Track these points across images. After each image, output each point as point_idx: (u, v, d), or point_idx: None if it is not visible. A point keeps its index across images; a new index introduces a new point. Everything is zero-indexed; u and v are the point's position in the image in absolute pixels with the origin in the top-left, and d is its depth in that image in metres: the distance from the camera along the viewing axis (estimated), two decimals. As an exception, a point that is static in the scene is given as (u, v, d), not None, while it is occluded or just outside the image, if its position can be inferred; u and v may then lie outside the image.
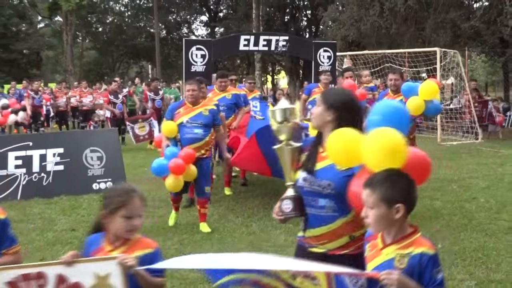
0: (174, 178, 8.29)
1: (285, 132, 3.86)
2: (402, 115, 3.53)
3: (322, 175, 3.77)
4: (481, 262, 7.01)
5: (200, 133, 8.57)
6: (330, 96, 3.98)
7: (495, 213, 9.59)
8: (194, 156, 8.39)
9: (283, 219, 3.96)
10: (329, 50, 14.08)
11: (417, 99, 8.79)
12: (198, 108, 8.69)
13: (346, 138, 3.49)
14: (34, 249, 7.85)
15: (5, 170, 11.04)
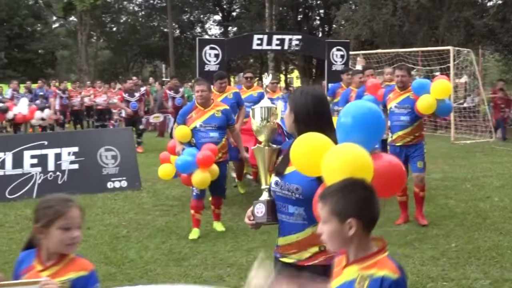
0: (202, 172, 8.04)
1: (264, 133, 3.75)
2: (376, 119, 3.20)
3: (291, 179, 3.50)
4: (495, 261, 6.97)
5: (216, 136, 8.32)
6: (292, 96, 3.81)
7: (509, 212, 9.54)
8: (216, 150, 8.18)
9: (254, 224, 3.73)
10: (342, 49, 14.04)
11: (429, 98, 8.32)
12: (210, 110, 8.41)
13: (309, 145, 3.23)
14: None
15: (20, 169, 11.10)
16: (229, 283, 6.45)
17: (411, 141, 8.67)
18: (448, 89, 8.73)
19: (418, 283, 6.27)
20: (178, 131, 8.51)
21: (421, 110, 8.38)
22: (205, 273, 6.80)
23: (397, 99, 8.76)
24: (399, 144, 8.70)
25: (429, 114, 9.08)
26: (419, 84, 8.66)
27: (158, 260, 7.31)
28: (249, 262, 7.12)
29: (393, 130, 8.80)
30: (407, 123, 8.61)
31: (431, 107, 8.38)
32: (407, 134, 8.63)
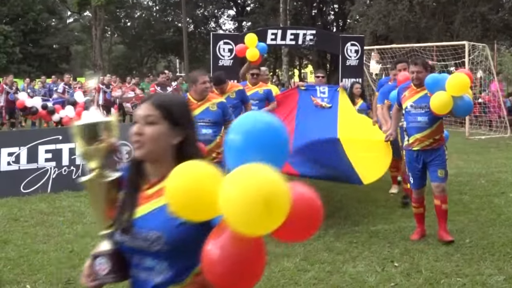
0: None
1: (95, 158, 2.71)
2: (274, 137, 2.21)
3: (147, 224, 2.51)
4: (510, 257, 6.95)
5: (209, 134, 7.36)
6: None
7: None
8: (206, 151, 6.97)
9: (96, 285, 2.65)
10: (357, 44, 14.02)
11: (443, 95, 7.18)
12: (205, 103, 7.48)
13: (198, 178, 2.18)
14: (64, 241, 7.92)
15: (35, 163, 11.15)
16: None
17: (430, 145, 7.57)
18: (466, 84, 7.30)
19: (432, 278, 6.25)
20: None
21: (435, 109, 7.28)
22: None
23: (413, 97, 7.65)
24: (416, 148, 7.62)
25: (446, 114, 7.73)
26: (433, 79, 7.38)
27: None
28: (263, 257, 7.13)
29: (409, 132, 7.76)
30: (425, 124, 7.54)
31: (446, 105, 7.25)
32: (425, 137, 7.54)
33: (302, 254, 7.22)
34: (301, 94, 10.79)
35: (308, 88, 11.12)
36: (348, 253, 7.26)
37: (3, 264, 7.01)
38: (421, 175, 7.70)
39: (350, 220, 8.88)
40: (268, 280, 6.37)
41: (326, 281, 6.29)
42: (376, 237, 7.97)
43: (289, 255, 7.21)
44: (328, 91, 10.81)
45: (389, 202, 9.99)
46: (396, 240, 7.75)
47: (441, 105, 7.27)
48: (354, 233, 8.16)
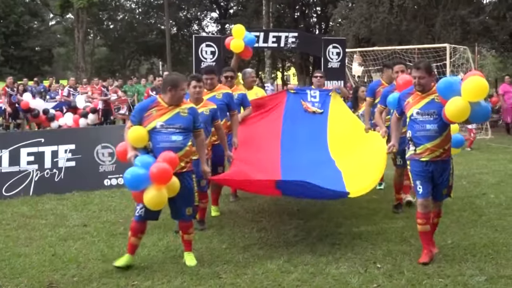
0: (157, 190, 6.30)
1: None
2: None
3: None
4: (491, 258, 6.99)
5: (179, 141, 6.65)
6: None
7: (504, 209, 9.56)
8: (177, 160, 6.49)
9: None
10: (338, 47, 14.03)
11: (460, 101, 6.38)
12: (175, 108, 6.79)
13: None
14: (46, 245, 7.88)
15: (17, 166, 11.09)
16: (226, 280, 6.46)
17: (440, 156, 6.86)
18: (485, 88, 6.45)
19: (414, 279, 6.27)
20: (131, 133, 6.72)
21: (451, 117, 6.50)
22: (201, 270, 6.79)
23: (418, 103, 6.87)
24: (425, 159, 6.82)
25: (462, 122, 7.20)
26: (446, 84, 6.61)
27: (154, 257, 7.31)
28: (246, 259, 7.15)
29: (417, 142, 6.87)
30: (435, 132, 6.78)
31: (463, 112, 6.44)
32: (436, 146, 6.80)
33: (286, 256, 7.22)
34: (290, 97, 10.26)
35: (298, 91, 10.55)
36: (331, 254, 7.27)
37: (-15, 268, 6.96)
38: (430, 182, 6.93)
39: (333, 222, 8.90)
40: (251, 282, 6.37)
41: (309, 283, 6.29)
42: (359, 238, 7.99)
43: (272, 257, 7.21)
44: (319, 95, 10.25)
45: (371, 203, 10.01)
46: (379, 242, 7.76)
47: (458, 112, 6.45)
48: (337, 235, 8.18)
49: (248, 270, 6.76)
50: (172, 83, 6.72)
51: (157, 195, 6.31)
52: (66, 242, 7.96)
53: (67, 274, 6.67)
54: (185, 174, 6.77)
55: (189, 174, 6.87)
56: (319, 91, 10.33)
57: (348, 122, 10.10)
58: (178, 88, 6.74)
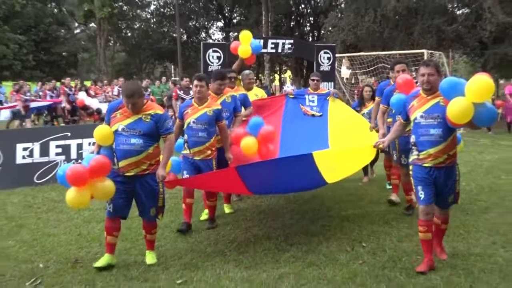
0: (76, 191, 5.73)
1: None
2: None
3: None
4: (462, 238, 7.00)
5: (139, 144, 6.00)
6: None
7: (475, 195, 9.56)
8: (106, 166, 5.84)
9: None
10: (329, 52, 14.00)
11: (463, 102, 5.38)
12: (139, 113, 6.10)
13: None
14: (73, 226, 7.90)
15: (47, 157, 11.14)
16: (230, 257, 6.46)
17: (444, 162, 5.84)
18: (490, 88, 5.39)
19: (395, 257, 6.28)
20: (96, 131, 6.23)
21: (453, 118, 5.49)
22: (208, 248, 6.81)
23: (423, 106, 5.87)
24: (428, 165, 5.85)
25: (465, 124, 5.74)
26: (449, 83, 5.59)
27: (167, 236, 7.33)
28: (247, 239, 7.15)
29: (420, 146, 5.90)
30: (439, 137, 5.77)
31: (466, 114, 5.43)
32: (440, 152, 5.80)
33: (282, 236, 7.23)
34: (289, 102, 9.65)
35: (297, 96, 9.83)
36: (322, 235, 7.28)
37: (19, 246, 6.98)
38: (432, 189, 5.91)
39: (323, 206, 8.90)
40: (252, 258, 6.38)
41: (303, 259, 6.30)
42: (347, 221, 7.99)
43: (271, 237, 7.22)
44: (317, 100, 9.62)
45: (358, 191, 10.02)
46: (364, 224, 7.77)
47: (460, 113, 5.43)
48: (327, 218, 8.18)
49: (249, 248, 6.77)
50: (125, 93, 5.99)
51: (75, 196, 5.73)
52: (90, 224, 7.98)
53: (91, 252, 6.69)
54: (148, 176, 6.13)
55: (152, 175, 6.16)
56: (317, 96, 9.72)
57: (348, 121, 9.30)
58: (130, 99, 5.93)
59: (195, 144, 7.34)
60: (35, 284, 5.72)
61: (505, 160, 13.54)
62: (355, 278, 5.68)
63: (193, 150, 7.37)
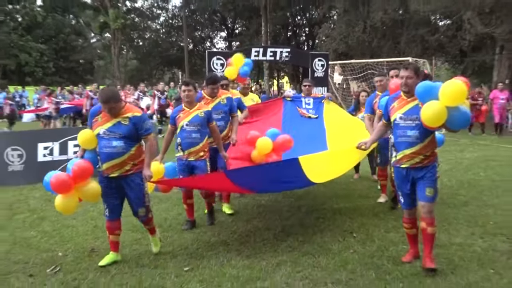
0: (63, 197, 5.61)
1: None
2: None
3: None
4: (444, 229, 6.99)
5: (120, 146, 5.69)
6: None
7: (455, 190, 9.55)
8: (89, 170, 5.76)
9: None
10: (323, 60, 14.02)
11: (437, 105, 5.09)
12: (118, 116, 5.79)
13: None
14: (89, 218, 7.92)
15: (66, 155, 11.14)
16: (232, 246, 6.46)
17: (421, 162, 5.49)
18: (463, 92, 5.10)
19: (383, 246, 6.28)
20: (80, 135, 6.01)
21: (426, 121, 5.19)
22: (212, 239, 6.81)
23: (402, 108, 5.54)
24: (405, 165, 5.55)
25: (439, 127, 5.44)
26: (424, 87, 5.26)
27: (174, 228, 7.32)
28: (248, 230, 7.15)
29: (398, 147, 5.61)
30: (415, 139, 5.44)
31: (439, 117, 5.12)
32: (415, 153, 5.47)
33: (280, 227, 7.23)
34: (287, 104, 9.41)
35: (294, 99, 9.59)
36: (316, 226, 7.28)
37: (40, 236, 6.99)
38: (412, 195, 5.67)
39: (318, 200, 8.90)
40: (253, 248, 6.38)
41: (299, 249, 6.30)
42: (339, 213, 7.99)
43: (269, 228, 7.22)
44: (313, 102, 9.41)
45: (349, 186, 10.01)
46: (355, 216, 7.76)
47: (433, 116, 5.13)
48: (321, 211, 8.18)
49: (250, 239, 6.77)
50: (101, 99, 5.73)
51: (62, 201, 5.61)
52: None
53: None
54: (131, 176, 5.82)
55: (136, 176, 5.85)
56: (312, 99, 9.50)
57: (343, 121, 9.09)
58: (106, 104, 5.67)
59: (190, 145, 6.97)
60: (55, 271, 5.72)
61: (483, 158, 13.54)
62: (346, 266, 5.68)
63: (188, 152, 6.98)
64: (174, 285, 5.26)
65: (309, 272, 5.50)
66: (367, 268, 5.59)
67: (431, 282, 5.19)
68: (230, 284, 5.24)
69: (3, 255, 6.29)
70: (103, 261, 5.87)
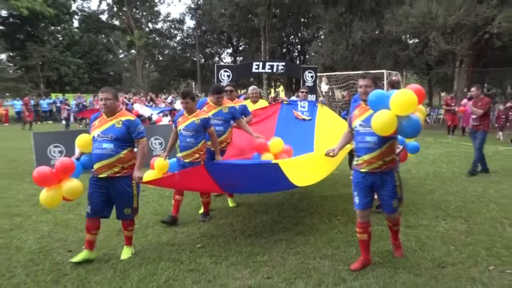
0: (47, 191, 5.06)
1: None
2: None
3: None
4: (413, 213, 6.99)
5: (109, 148, 5.16)
6: None
7: (422, 180, 9.55)
8: (70, 167, 5.18)
9: None
10: (312, 72, 14.00)
11: (386, 114, 4.42)
12: (112, 119, 5.26)
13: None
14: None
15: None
16: (237, 227, 6.46)
17: (380, 167, 4.82)
18: (412, 102, 4.41)
19: (362, 227, 6.27)
20: (78, 139, 5.53)
21: (376, 130, 4.52)
22: (220, 221, 6.80)
23: (362, 115, 4.92)
24: (364, 170, 4.88)
25: (391, 135, 4.66)
26: (376, 96, 4.57)
27: (188, 212, 7.32)
28: (250, 213, 7.14)
29: (358, 153, 4.97)
30: (374, 145, 4.77)
31: (389, 126, 4.45)
32: (374, 158, 4.80)
33: (276, 211, 7.22)
34: (283, 107, 8.84)
35: (291, 102, 9.10)
36: (307, 210, 7.28)
37: (77, 218, 7.00)
38: (368, 193, 4.96)
39: (308, 189, 8.85)
40: (254, 228, 6.38)
41: (292, 229, 6.30)
42: (325, 200, 7.98)
43: (267, 212, 7.22)
44: (308, 106, 8.92)
45: (334, 176, 9.99)
46: (339, 202, 7.76)
47: (383, 125, 4.45)
48: (311, 197, 8.17)
49: (251, 221, 6.77)
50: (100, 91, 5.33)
51: (46, 195, 5.05)
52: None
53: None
54: (120, 178, 5.22)
55: (125, 178, 5.24)
56: (308, 102, 9.05)
57: (333, 124, 8.47)
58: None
59: (184, 148, 6.49)
60: (89, 247, 5.71)
61: (445, 154, 13.53)
62: (332, 243, 5.68)
63: (183, 154, 6.51)
64: (188, 258, 5.26)
65: (301, 249, 5.50)
66: (349, 245, 5.59)
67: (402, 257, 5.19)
68: (235, 258, 5.24)
69: (47, 234, 6.29)
70: (76, 257, 5.24)
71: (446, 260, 5.08)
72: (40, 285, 4.63)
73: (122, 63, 59.73)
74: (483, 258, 5.15)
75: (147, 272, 4.91)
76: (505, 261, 5.05)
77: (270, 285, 4.54)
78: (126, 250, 5.51)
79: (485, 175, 10.10)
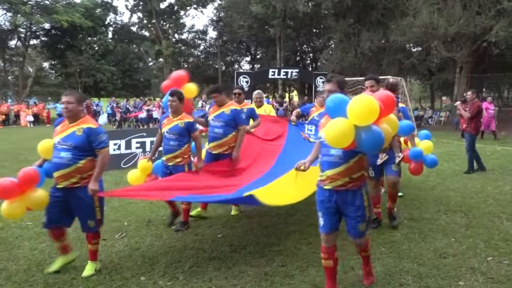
0: (9, 203, 4.25)
1: None
2: None
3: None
4: (416, 207, 6.90)
5: (67, 157, 4.33)
6: None
7: (425, 177, 9.41)
8: (33, 177, 4.36)
9: None
10: (323, 78, 13.95)
11: (342, 124, 3.30)
12: (73, 126, 4.43)
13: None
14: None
15: (130, 149, 11.21)
16: (254, 219, 6.44)
17: (345, 185, 3.72)
18: (374, 109, 3.29)
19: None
20: (39, 145, 4.72)
21: (329, 141, 3.40)
22: (239, 214, 6.79)
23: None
24: (327, 187, 3.78)
25: (352, 149, 3.49)
26: (334, 101, 3.45)
27: (209, 206, 7.31)
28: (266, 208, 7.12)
29: (321, 167, 3.84)
30: (339, 159, 3.68)
31: (344, 137, 3.31)
32: (338, 174, 3.71)
33: (289, 205, 7.14)
34: (291, 128, 7.61)
35: (298, 124, 7.75)
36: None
37: (110, 210, 7.04)
38: (333, 214, 3.86)
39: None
40: (269, 221, 6.36)
41: (304, 221, 6.28)
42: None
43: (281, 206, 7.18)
44: (315, 130, 7.39)
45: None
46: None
47: (336, 136, 3.32)
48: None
49: (267, 214, 6.73)
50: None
51: (8, 208, 4.25)
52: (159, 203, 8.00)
53: (159, 215, 6.73)
54: (79, 189, 4.39)
55: (85, 189, 4.38)
56: (314, 126, 7.46)
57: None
58: (65, 97, 4.43)
59: (168, 151, 5.80)
60: (122, 236, 5.76)
61: (446, 153, 13.34)
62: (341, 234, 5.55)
63: (166, 157, 5.84)
64: (210, 247, 5.27)
65: (312, 239, 5.47)
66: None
67: (406, 248, 5.13)
68: (253, 247, 5.23)
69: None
70: (52, 267, 4.60)
71: (447, 251, 5.00)
72: (79, 270, 4.66)
73: (151, 70, 60.17)
74: (482, 249, 5.06)
75: (173, 259, 4.92)
76: (502, 252, 4.96)
77: (284, 272, 4.52)
78: (89, 266, 4.60)
79: (483, 172, 9.93)
